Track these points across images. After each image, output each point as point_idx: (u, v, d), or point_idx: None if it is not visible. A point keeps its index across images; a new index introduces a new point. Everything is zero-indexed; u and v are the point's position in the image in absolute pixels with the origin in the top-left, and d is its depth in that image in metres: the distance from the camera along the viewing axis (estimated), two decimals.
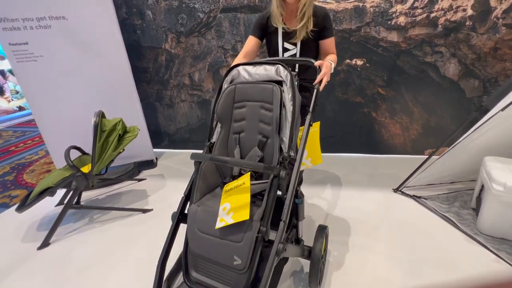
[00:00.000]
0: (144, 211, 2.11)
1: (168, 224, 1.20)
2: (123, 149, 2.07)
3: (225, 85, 1.31)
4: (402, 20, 2.25)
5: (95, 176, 1.96)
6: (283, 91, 1.17)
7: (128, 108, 2.57)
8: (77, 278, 1.56)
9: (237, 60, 1.47)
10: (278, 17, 1.47)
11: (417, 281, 1.42)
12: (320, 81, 1.28)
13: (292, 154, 1.12)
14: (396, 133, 2.64)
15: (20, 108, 5.51)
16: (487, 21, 2.16)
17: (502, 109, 1.62)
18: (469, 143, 1.78)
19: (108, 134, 1.95)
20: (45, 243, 1.81)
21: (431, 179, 2.11)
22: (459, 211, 1.89)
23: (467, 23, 2.18)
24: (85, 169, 1.96)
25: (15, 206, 1.93)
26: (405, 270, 1.48)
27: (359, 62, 2.44)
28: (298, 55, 1.55)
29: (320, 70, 1.29)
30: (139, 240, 1.82)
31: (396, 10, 2.23)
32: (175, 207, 1.21)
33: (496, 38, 2.18)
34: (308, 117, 1.21)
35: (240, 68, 1.29)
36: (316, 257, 1.25)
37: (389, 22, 2.27)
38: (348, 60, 2.45)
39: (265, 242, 1.02)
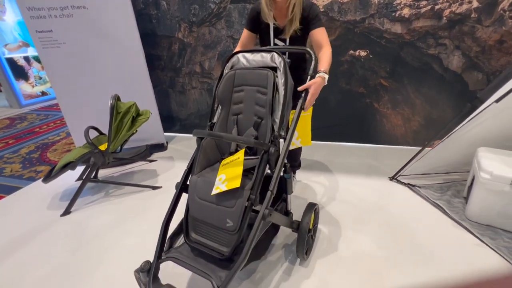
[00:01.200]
0: (154, 188, 2.30)
1: None
2: (136, 130, 2.26)
3: (226, 71, 1.43)
4: (406, 12, 2.28)
5: (110, 154, 2.15)
6: (277, 77, 1.29)
7: (141, 94, 2.74)
8: (95, 241, 1.76)
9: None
10: (268, 14, 1.52)
11: (401, 257, 1.53)
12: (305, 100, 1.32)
13: (282, 133, 1.24)
14: (398, 124, 2.69)
15: (43, 93, 5.84)
16: (493, 13, 2.15)
17: (496, 101, 1.66)
18: (463, 134, 1.82)
19: (123, 116, 2.13)
20: (67, 211, 2.03)
21: (426, 169, 2.18)
22: (450, 199, 1.95)
23: (473, 15, 2.19)
24: (102, 147, 2.15)
25: (42, 178, 2.16)
26: (390, 248, 1.59)
27: (363, 53, 2.49)
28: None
29: (306, 94, 1.33)
30: (149, 212, 2.01)
31: (401, 2, 2.26)
32: None
33: (502, 31, 2.18)
34: (300, 101, 1.33)
35: (240, 55, 1.41)
36: (303, 229, 1.38)
37: (393, 14, 2.30)
38: (351, 51, 2.51)
39: (254, 212, 1.16)
